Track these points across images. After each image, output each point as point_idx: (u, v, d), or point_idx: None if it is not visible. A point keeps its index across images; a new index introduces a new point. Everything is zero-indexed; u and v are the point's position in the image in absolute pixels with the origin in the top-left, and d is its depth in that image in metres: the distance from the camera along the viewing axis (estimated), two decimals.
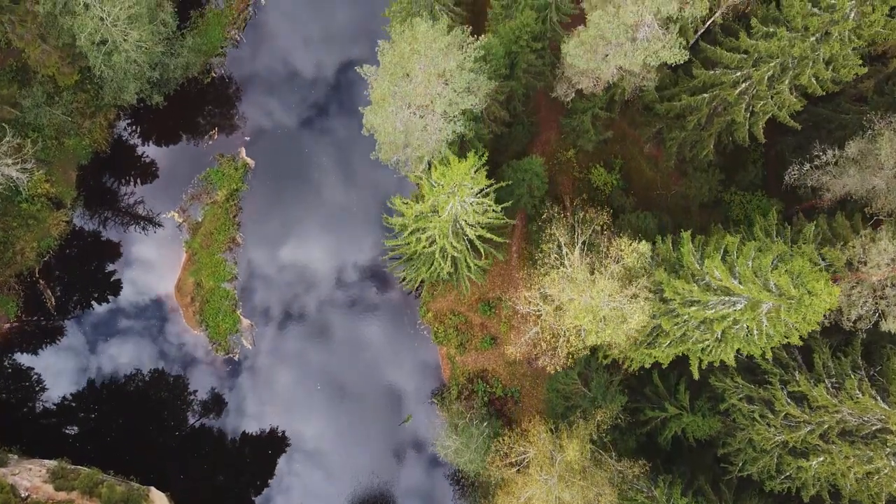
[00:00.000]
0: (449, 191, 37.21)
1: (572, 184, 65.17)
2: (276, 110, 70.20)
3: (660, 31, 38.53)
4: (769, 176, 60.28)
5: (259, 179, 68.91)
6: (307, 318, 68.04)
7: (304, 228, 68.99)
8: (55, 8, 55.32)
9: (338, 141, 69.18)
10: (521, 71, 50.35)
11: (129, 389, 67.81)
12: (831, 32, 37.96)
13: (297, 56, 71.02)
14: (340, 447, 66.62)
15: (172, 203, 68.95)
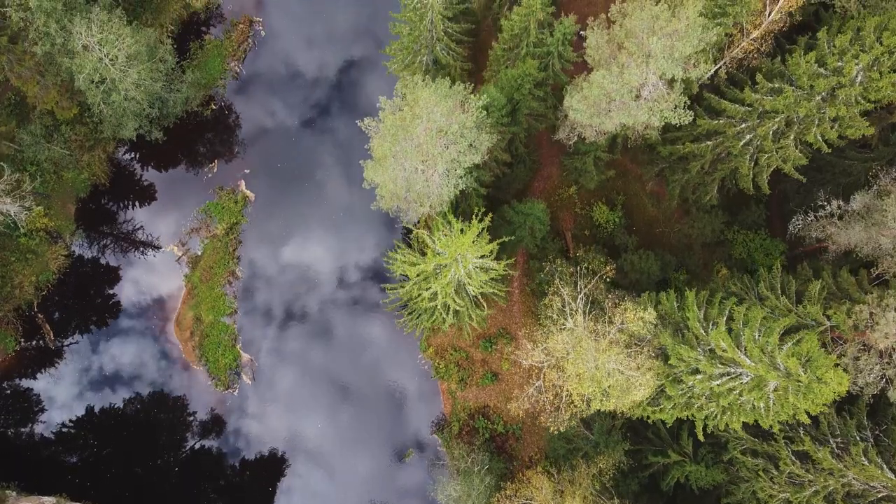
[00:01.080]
0: (451, 259, 36.85)
1: (574, 220, 64.80)
2: (276, 142, 69.74)
3: (664, 91, 38.14)
4: (772, 215, 59.91)
5: (258, 210, 68.57)
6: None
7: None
8: (53, 48, 54.94)
9: (339, 177, 68.71)
10: (523, 116, 49.99)
11: (128, 423, 67.47)
12: (838, 94, 37.56)
13: (298, 87, 70.59)
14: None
15: (172, 236, 68.55)
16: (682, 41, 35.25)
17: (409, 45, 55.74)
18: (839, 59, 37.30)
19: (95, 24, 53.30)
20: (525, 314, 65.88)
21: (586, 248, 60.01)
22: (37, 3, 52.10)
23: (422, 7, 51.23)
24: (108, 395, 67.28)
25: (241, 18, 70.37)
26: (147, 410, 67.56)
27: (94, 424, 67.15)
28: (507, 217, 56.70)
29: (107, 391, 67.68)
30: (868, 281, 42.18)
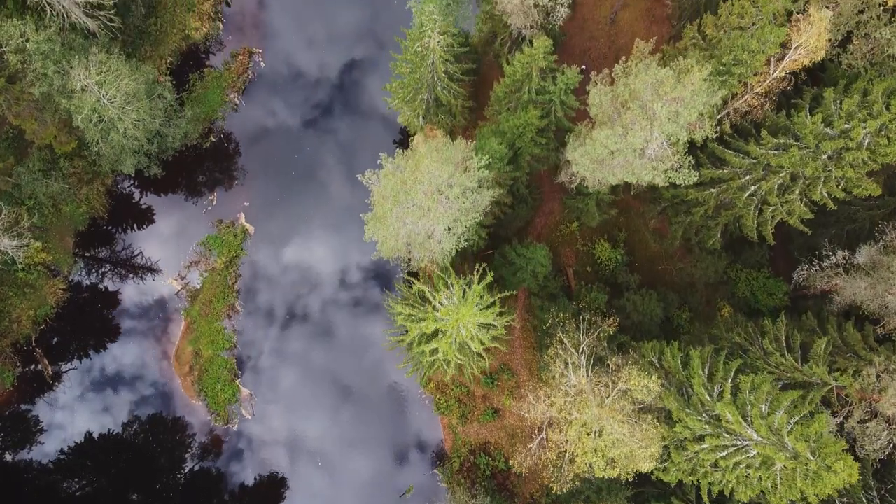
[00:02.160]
0: (453, 327, 36.44)
1: (575, 256, 64.34)
2: (276, 174, 69.23)
3: (668, 151, 37.69)
4: (775, 255, 59.43)
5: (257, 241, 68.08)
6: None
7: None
8: (51, 88, 54.47)
9: (340, 211, 68.15)
10: (525, 161, 49.57)
11: (126, 454, 67.04)
12: (844, 156, 37.13)
13: (298, 118, 70.07)
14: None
15: (171, 270, 68.06)
16: (688, 107, 34.80)
17: (409, 85, 55.29)
18: (846, 121, 36.88)
19: (94, 66, 52.81)
20: (526, 349, 65.44)
21: (588, 288, 59.52)
22: (34, 46, 51.66)
23: (423, 50, 50.80)
24: (107, 426, 66.78)
25: (241, 50, 69.89)
26: (146, 441, 67.16)
27: (90, 456, 66.75)
28: (508, 257, 56.32)
29: (105, 422, 67.24)
30: (874, 337, 41.74)
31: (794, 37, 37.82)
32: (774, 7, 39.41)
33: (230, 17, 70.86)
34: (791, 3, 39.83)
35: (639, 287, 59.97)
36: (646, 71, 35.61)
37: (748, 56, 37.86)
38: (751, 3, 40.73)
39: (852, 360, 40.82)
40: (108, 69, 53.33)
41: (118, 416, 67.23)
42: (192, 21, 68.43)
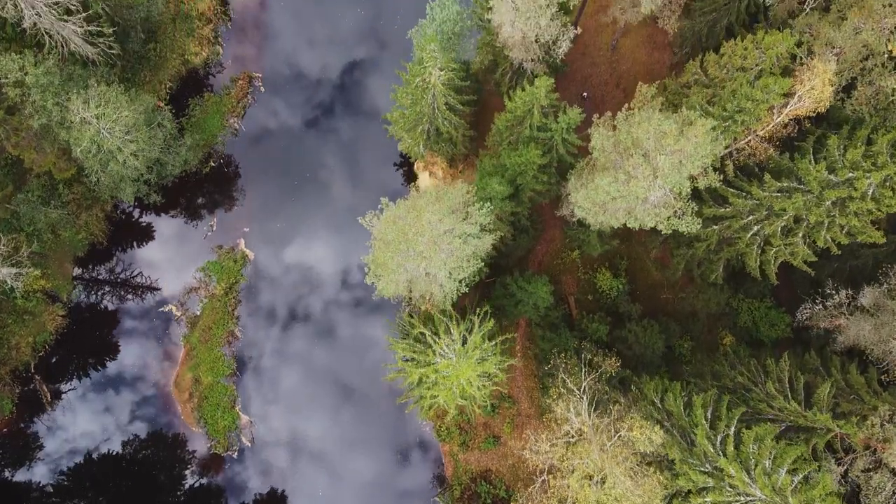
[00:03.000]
0: (455, 379, 36.19)
1: (577, 284, 64.04)
2: (276, 199, 68.93)
3: (672, 198, 37.42)
4: (777, 284, 59.00)
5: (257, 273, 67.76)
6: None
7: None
8: (50, 121, 54.21)
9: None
10: (527, 196, 49.30)
11: (125, 484, 66.85)
12: (848, 205, 36.86)
13: (298, 143, 69.74)
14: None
15: (170, 296, 67.80)
16: (691, 160, 34.53)
17: (410, 116, 55.01)
18: (850, 170, 36.61)
19: (93, 99, 52.53)
20: (527, 377, 65.13)
21: (590, 318, 59.24)
22: (33, 79, 51.40)
23: (424, 84, 50.53)
24: (104, 458, 66.52)
25: (241, 75, 69.58)
26: (145, 460, 66.95)
27: (91, 475, 66.49)
28: (510, 289, 56.06)
29: (104, 450, 66.97)
30: (878, 381, 41.48)
31: (798, 87, 37.56)
32: (778, 51, 39.14)
33: (230, 41, 70.50)
34: (795, 47, 39.56)
35: (640, 317, 59.69)
36: (648, 121, 35.33)
37: (752, 105, 37.58)
38: (754, 45, 40.47)
39: (856, 402, 40.55)
40: (107, 101, 53.05)
41: (116, 441, 67.03)
42: (192, 46, 68.15)
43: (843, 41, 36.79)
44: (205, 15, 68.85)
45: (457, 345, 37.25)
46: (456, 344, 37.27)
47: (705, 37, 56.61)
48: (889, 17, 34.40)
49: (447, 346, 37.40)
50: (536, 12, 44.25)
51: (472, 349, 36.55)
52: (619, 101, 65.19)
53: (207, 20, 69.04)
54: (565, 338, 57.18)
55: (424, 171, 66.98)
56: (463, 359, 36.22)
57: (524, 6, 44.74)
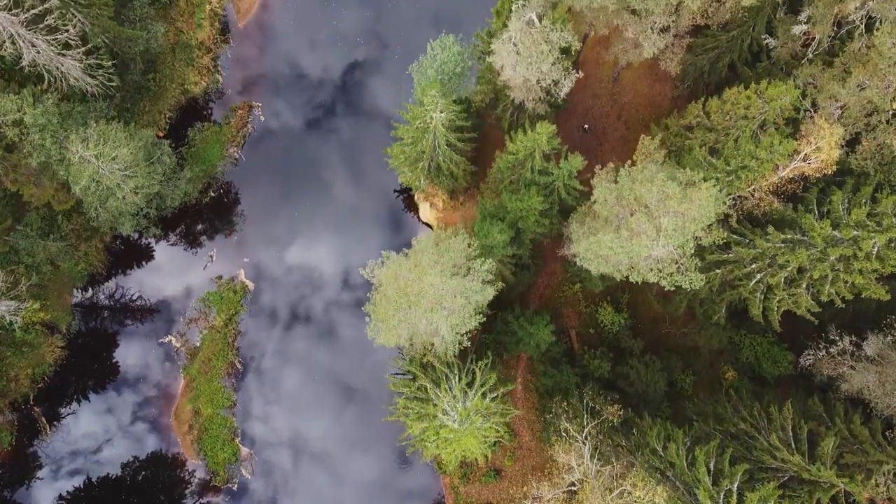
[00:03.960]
0: (456, 444, 35.93)
1: (578, 317, 63.74)
2: (277, 230, 68.65)
3: (675, 254, 37.15)
4: (780, 321, 58.79)
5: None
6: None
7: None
8: (49, 159, 53.95)
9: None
10: (528, 238, 49.04)
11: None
12: (853, 264, 36.58)
13: (299, 173, 69.33)
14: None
15: (170, 327, 67.52)
16: (695, 221, 34.26)
17: (411, 153, 54.72)
18: (855, 229, 36.33)
19: (92, 138, 52.24)
20: (528, 409, 64.82)
21: (591, 354, 58.95)
22: (31, 120, 51.13)
23: (424, 125, 50.26)
24: (103, 490, 66.28)
25: (241, 104, 69.29)
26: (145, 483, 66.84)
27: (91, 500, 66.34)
28: (511, 327, 55.77)
29: (103, 479, 66.71)
30: (882, 432, 41.18)
31: (804, 146, 37.30)
32: (782, 104, 38.86)
33: (230, 70, 70.17)
34: (800, 100, 39.28)
35: (642, 352, 59.39)
36: (651, 180, 35.04)
37: (755, 163, 37.32)
38: (756, 94, 40.20)
39: (860, 454, 40.27)
40: (106, 139, 52.75)
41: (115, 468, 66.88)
42: (192, 75, 67.84)
43: (848, 97, 36.51)
44: (204, 44, 68.55)
45: (459, 404, 36.99)
46: (458, 403, 37.00)
47: (707, 72, 56.37)
48: (894, 76, 34.13)
49: (449, 403, 37.13)
50: (538, 58, 43.98)
51: (474, 413, 36.28)
52: (620, 133, 64.99)
53: (207, 49, 68.74)
54: (567, 374, 56.90)
55: (425, 202, 66.70)
56: (466, 423, 35.92)
57: (526, 51, 44.47)
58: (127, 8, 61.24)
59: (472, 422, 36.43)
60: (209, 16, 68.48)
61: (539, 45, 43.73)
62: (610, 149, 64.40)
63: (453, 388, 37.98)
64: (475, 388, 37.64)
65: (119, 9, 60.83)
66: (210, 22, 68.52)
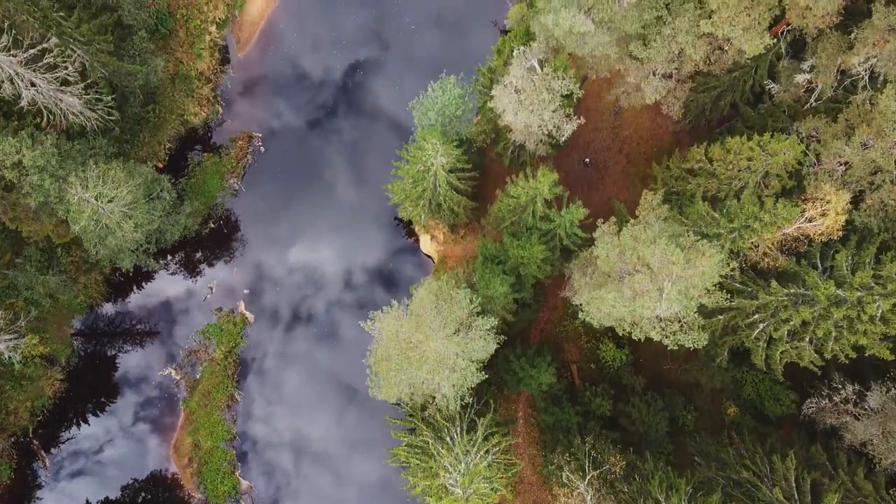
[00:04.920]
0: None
1: (580, 352, 63.51)
2: (277, 260, 68.39)
3: (679, 313, 36.91)
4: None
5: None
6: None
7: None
8: (48, 198, 53.69)
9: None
10: (530, 283, 48.80)
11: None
12: (856, 325, 36.36)
13: (298, 205, 69.02)
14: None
15: (170, 359, 67.28)
16: (698, 288, 34.06)
17: (412, 193, 54.48)
18: (859, 290, 36.10)
19: (91, 179, 51.99)
20: (530, 444, 64.60)
21: (593, 391, 58.71)
22: (30, 162, 50.86)
23: (425, 168, 50.06)
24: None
25: (240, 135, 68.99)
26: None
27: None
28: (512, 366, 55.53)
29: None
30: (885, 487, 40.95)
31: (809, 208, 37.07)
32: (785, 158, 38.65)
33: (229, 100, 69.88)
34: (803, 155, 39.06)
35: (644, 389, 59.15)
36: (655, 243, 34.81)
37: (759, 225, 37.11)
38: (760, 147, 39.98)
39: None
40: (105, 180, 52.51)
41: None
42: (192, 106, 67.58)
43: (852, 156, 36.29)
44: (204, 74, 68.28)
45: (461, 464, 36.77)
46: (460, 464, 36.79)
47: (709, 109, 56.16)
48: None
49: (451, 463, 36.91)
50: (540, 105, 43.77)
51: (478, 479, 36.07)
52: (621, 166, 64.74)
53: (207, 80, 68.47)
54: (568, 413, 56.64)
55: (426, 235, 66.49)
56: (469, 489, 35.71)
57: (527, 98, 44.26)
58: (127, 42, 60.96)
59: (477, 488, 36.22)
60: (209, 46, 68.21)
61: (541, 94, 43.52)
62: (611, 182, 64.16)
63: (455, 445, 37.77)
64: (476, 446, 37.41)
65: (119, 43, 60.58)
66: (210, 52, 68.27)
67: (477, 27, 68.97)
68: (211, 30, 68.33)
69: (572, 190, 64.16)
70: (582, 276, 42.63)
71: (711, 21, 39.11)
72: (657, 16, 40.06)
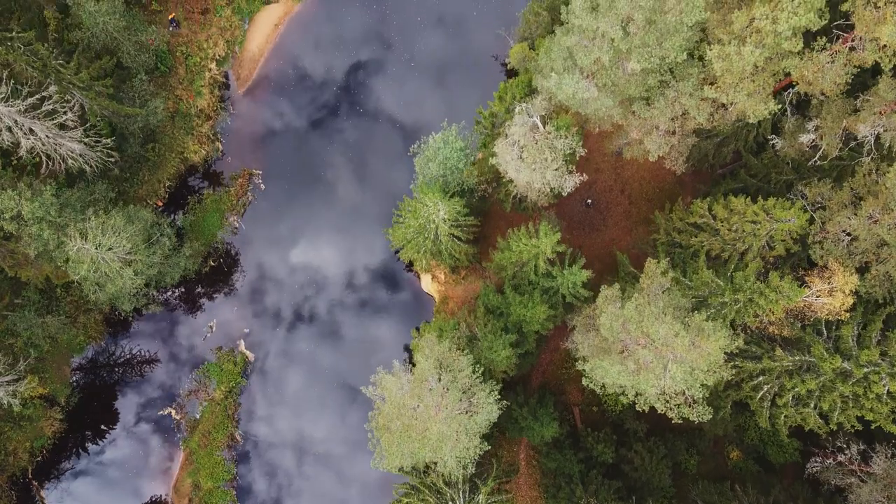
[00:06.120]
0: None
1: (582, 394, 63.15)
2: (277, 300, 68.04)
3: (682, 388, 36.60)
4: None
5: None
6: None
7: None
8: (47, 246, 53.37)
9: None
10: (533, 339, 48.53)
11: None
12: (863, 402, 36.06)
13: (299, 245, 68.71)
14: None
15: (169, 399, 66.96)
16: (703, 370, 33.76)
17: (413, 242, 54.16)
18: (866, 367, 35.81)
19: (90, 229, 51.65)
20: (531, 486, 64.36)
21: (595, 436, 58.42)
22: (29, 214, 50.52)
23: (426, 220, 49.74)
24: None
25: (241, 172, 68.63)
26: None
27: None
28: (514, 415, 55.20)
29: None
30: None
31: (815, 283, 36.76)
32: (790, 226, 38.32)
33: (229, 137, 69.52)
34: (807, 224, 38.73)
35: (647, 435, 58.83)
36: (660, 321, 34.49)
37: (764, 301, 36.81)
38: (765, 212, 39.64)
39: None
40: (105, 230, 52.16)
41: None
42: (192, 144, 67.23)
43: (859, 229, 35.98)
44: (204, 112, 67.92)
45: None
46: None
47: (712, 155, 55.85)
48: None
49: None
50: (542, 165, 43.45)
51: None
52: (623, 207, 64.38)
53: (207, 117, 68.12)
54: (570, 459, 56.38)
55: (427, 275, 66.18)
56: None
57: (530, 157, 43.94)
58: (126, 84, 60.64)
59: None
60: (209, 83, 67.86)
61: (543, 153, 43.21)
62: (613, 224, 63.81)
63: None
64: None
65: (119, 84, 60.30)
66: (209, 89, 67.91)
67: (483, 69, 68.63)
68: (211, 67, 68.00)
69: (574, 231, 63.92)
70: (584, 338, 42.33)
71: (715, 87, 38.79)
72: (661, 80, 39.74)
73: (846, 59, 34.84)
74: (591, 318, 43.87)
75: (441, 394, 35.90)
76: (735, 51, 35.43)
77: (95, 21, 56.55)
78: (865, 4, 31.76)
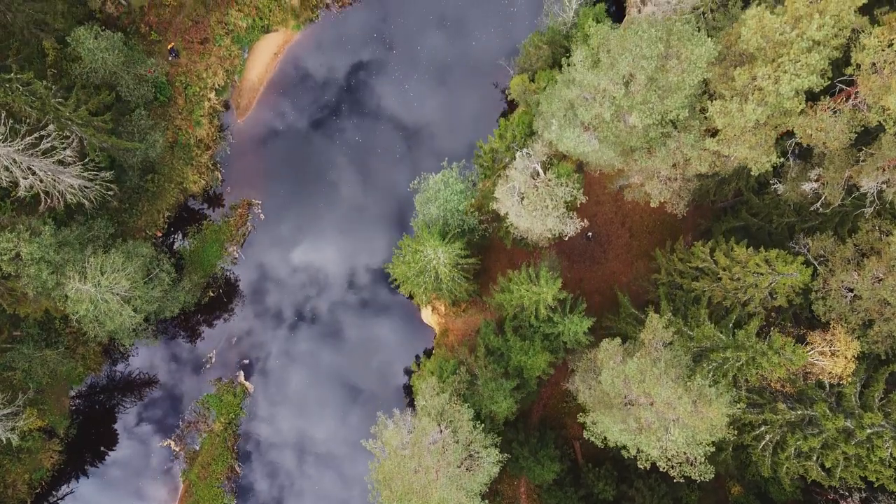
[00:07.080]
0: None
1: (582, 428, 62.80)
2: (277, 330, 67.86)
3: (685, 447, 36.39)
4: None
5: None
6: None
7: None
8: (46, 285, 53.14)
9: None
10: (534, 382, 48.32)
11: None
12: (866, 463, 35.88)
13: (299, 272, 68.57)
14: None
15: (168, 430, 66.75)
16: (704, 437, 33.56)
17: (415, 281, 53.95)
18: (870, 427, 35.64)
19: (89, 270, 51.46)
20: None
21: (595, 472, 58.17)
22: (28, 255, 50.31)
23: (425, 262, 49.55)
24: None
25: (240, 202, 68.41)
26: None
27: None
28: (515, 454, 54.99)
29: None
30: None
31: (818, 343, 36.54)
32: (793, 281, 38.11)
33: (228, 167, 69.29)
34: (809, 279, 38.51)
35: (648, 471, 58.51)
36: (661, 383, 34.29)
37: (767, 363, 36.61)
38: (766, 263, 39.45)
39: None
40: (104, 270, 51.96)
41: None
42: (191, 174, 67.03)
43: (862, 289, 35.77)
44: (203, 142, 67.71)
45: None
46: None
47: (713, 192, 55.67)
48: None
49: None
50: (543, 212, 43.24)
51: None
52: (624, 240, 64.15)
53: (206, 147, 67.90)
54: (571, 498, 56.17)
55: (427, 307, 65.95)
56: None
57: (530, 205, 43.73)
58: (125, 119, 60.42)
59: None
60: (208, 113, 67.65)
61: (544, 200, 42.99)
62: (614, 257, 63.58)
63: None
64: None
65: (118, 118, 60.10)
66: (209, 119, 67.71)
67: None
68: (210, 96, 67.76)
69: (574, 265, 63.70)
70: (585, 387, 42.12)
71: (717, 139, 38.57)
72: (662, 132, 39.53)
73: (850, 117, 34.61)
74: (592, 362, 43.66)
75: (441, 451, 35.69)
76: (737, 108, 35.22)
77: (95, 57, 56.38)
78: (870, 69, 31.52)
